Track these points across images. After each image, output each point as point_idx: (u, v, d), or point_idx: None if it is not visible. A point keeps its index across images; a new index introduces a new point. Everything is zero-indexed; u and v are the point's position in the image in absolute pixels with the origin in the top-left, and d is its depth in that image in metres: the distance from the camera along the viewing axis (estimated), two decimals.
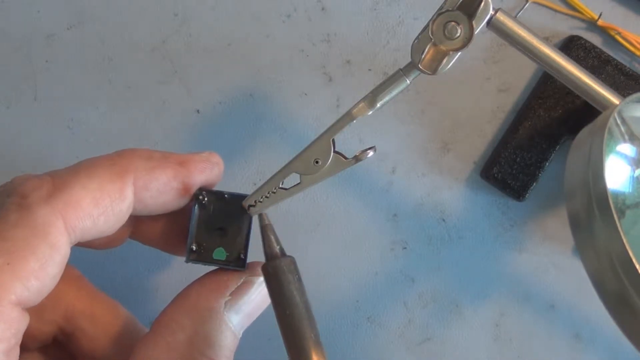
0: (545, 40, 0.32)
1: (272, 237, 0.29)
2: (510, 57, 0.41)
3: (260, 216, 0.29)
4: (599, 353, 0.40)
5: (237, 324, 0.28)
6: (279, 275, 0.28)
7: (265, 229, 0.29)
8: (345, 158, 0.29)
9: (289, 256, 0.29)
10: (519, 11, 0.40)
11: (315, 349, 0.27)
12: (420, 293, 0.40)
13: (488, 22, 0.30)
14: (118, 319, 0.30)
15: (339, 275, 0.40)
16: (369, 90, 0.29)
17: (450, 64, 0.29)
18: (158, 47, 0.41)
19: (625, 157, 0.34)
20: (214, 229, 0.29)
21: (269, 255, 0.29)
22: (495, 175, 0.39)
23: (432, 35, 0.29)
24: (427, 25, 0.29)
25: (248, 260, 0.30)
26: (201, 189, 0.29)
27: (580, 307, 0.40)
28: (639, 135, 0.34)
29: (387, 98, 0.29)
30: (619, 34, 0.40)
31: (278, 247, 0.29)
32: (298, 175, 0.29)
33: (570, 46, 0.39)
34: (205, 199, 0.29)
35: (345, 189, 0.40)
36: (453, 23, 0.29)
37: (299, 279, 0.28)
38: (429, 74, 0.29)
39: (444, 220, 0.40)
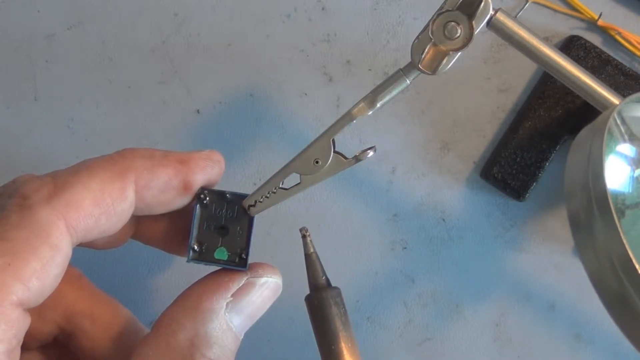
0: (545, 40, 0.32)
1: (318, 266, 0.28)
2: (510, 57, 0.41)
3: (305, 244, 0.28)
4: (599, 353, 0.40)
5: (239, 325, 0.28)
6: (325, 308, 0.27)
7: (309, 258, 0.28)
8: (345, 158, 0.29)
9: (335, 287, 0.28)
10: (519, 11, 0.40)
11: None
12: (420, 293, 0.40)
13: (488, 22, 0.30)
14: (118, 319, 0.30)
15: (339, 275, 0.40)
16: (369, 90, 0.29)
17: (450, 64, 0.29)
18: (158, 47, 0.41)
19: (625, 157, 0.34)
20: (216, 229, 0.29)
21: (314, 285, 0.28)
22: (495, 175, 0.39)
23: (432, 35, 0.29)
24: (427, 25, 0.29)
25: (250, 261, 0.30)
26: (203, 188, 0.29)
27: (580, 307, 0.40)
28: (639, 135, 0.34)
29: (387, 98, 0.29)
30: (619, 34, 0.40)
31: (324, 277, 0.28)
32: (298, 175, 0.29)
33: (570, 46, 0.39)
34: (207, 198, 0.29)
35: (345, 189, 0.40)
36: (453, 23, 0.29)
37: (345, 312, 0.27)
38: (429, 74, 0.29)
39: (444, 220, 0.40)
